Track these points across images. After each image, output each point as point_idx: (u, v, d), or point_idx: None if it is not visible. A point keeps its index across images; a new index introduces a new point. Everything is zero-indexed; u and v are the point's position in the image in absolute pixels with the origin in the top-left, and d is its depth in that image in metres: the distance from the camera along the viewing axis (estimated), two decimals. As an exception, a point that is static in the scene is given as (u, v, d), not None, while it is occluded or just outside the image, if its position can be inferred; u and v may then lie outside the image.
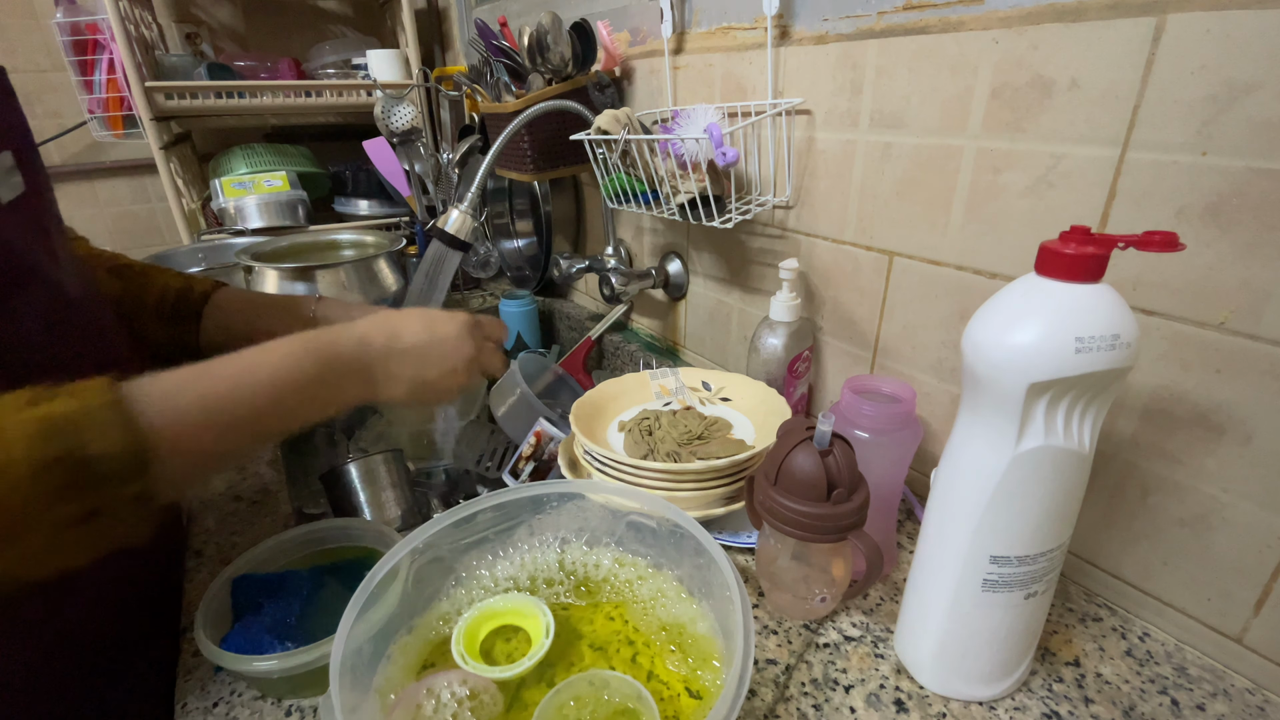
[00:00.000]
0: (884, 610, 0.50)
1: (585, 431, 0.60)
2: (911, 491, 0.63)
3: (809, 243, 0.69)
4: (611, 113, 0.70)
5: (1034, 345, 0.33)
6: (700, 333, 0.91)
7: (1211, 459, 0.43)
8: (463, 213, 0.81)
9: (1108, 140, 0.43)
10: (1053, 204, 0.47)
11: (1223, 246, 0.40)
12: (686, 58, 0.78)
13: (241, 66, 1.40)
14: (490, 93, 0.92)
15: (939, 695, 0.43)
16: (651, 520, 0.47)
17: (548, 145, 0.89)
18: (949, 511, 0.40)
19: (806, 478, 0.44)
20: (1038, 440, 0.35)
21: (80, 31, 1.25)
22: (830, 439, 0.44)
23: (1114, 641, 0.47)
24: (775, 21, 0.64)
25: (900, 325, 0.62)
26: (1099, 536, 0.50)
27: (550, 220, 1.11)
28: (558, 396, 0.95)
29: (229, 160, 1.35)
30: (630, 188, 0.75)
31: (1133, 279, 0.44)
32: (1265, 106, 0.37)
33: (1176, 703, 0.43)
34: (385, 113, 1.15)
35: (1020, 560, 0.38)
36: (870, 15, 0.56)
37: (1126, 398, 0.46)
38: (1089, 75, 0.43)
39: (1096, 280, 0.33)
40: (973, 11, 0.49)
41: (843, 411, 0.51)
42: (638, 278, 0.91)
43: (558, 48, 0.82)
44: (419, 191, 1.22)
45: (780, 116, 0.66)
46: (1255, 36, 0.36)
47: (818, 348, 0.72)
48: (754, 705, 0.42)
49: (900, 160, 0.57)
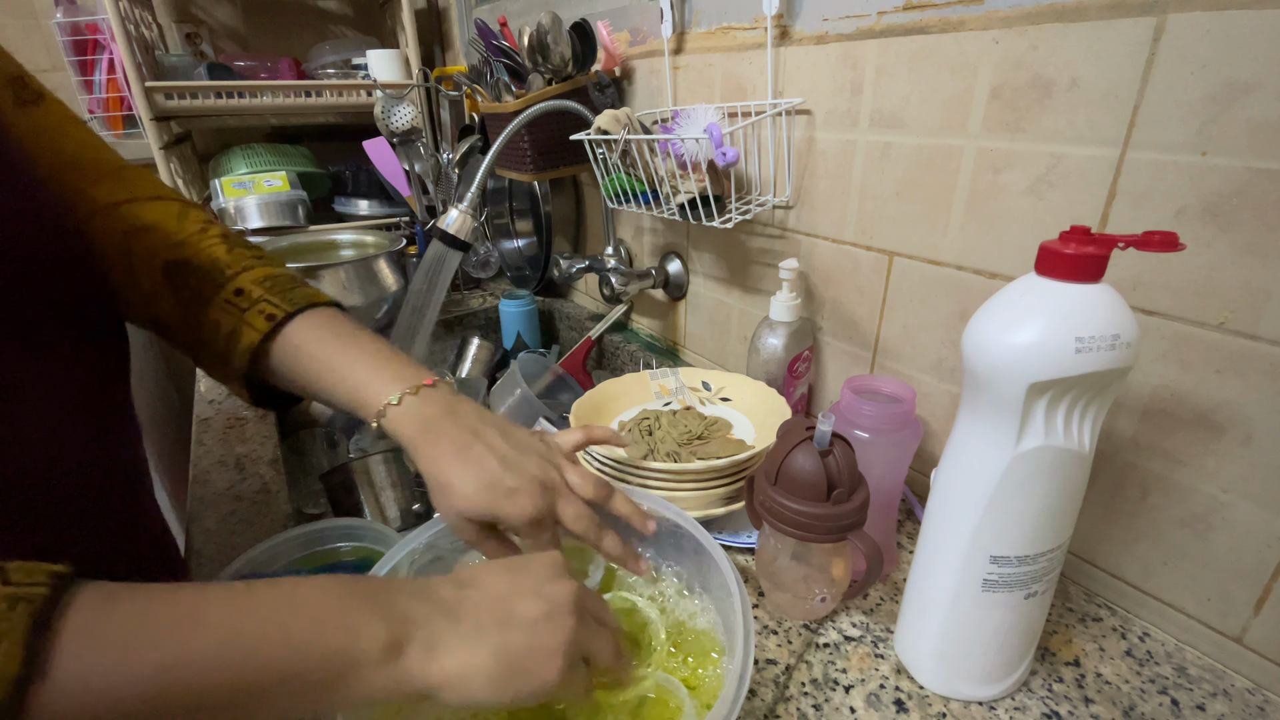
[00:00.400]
0: (884, 610, 0.50)
1: (585, 431, 0.60)
2: (911, 491, 0.63)
3: (809, 243, 0.69)
4: (611, 113, 0.70)
5: (1034, 345, 0.33)
6: (700, 333, 0.92)
7: (1211, 459, 0.43)
8: (463, 213, 0.81)
9: (1108, 140, 0.43)
10: (1053, 204, 0.47)
11: (1223, 246, 0.40)
12: (686, 58, 0.78)
13: (241, 66, 1.40)
14: (490, 93, 0.92)
15: (939, 695, 0.43)
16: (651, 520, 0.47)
17: (548, 145, 0.89)
18: (949, 511, 0.40)
19: (806, 478, 0.44)
20: (1038, 440, 0.35)
21: (80, 31, 1.25)
22: (830, 439, 0.44)
23: (1114, 641, 0.47)
24: (775, 21, 0.64)
25: (900, 325, 0.62)
26: (1099, 536, 0.50)
27: (550, 220, 1.11)
28: (558, 396, 0.95)
29: (229, 160, 1.35)
30: (630, 188, 0.75)
31: (1133, 279, 0.44)
32: (1265, 106, 0.37)
33: (1176, 703, 0.43)
34: (385, 113, 1.15)
35: (1020, 560, 0.38)
36: (870, 15, 0.56)
37: (1126, 398, 0.46)
38: (1089, 75, 0.43)
39: (1096, 280, 0.33)
40: (973, 11, 0.49)
41: (843, 411, 0.51)
42: (638, 278, 0.91)
43: (558, 48, 0.82)
44: (419, 191, 1.22)
45: (780, 116, 0.66)
46: (1255, 36, 0.36)
47: (818, 348, 0.72)
48: (754, 705, 0.42)
49: (900, 160, 0.57)
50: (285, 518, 0.62)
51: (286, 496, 0.66)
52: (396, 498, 0.69)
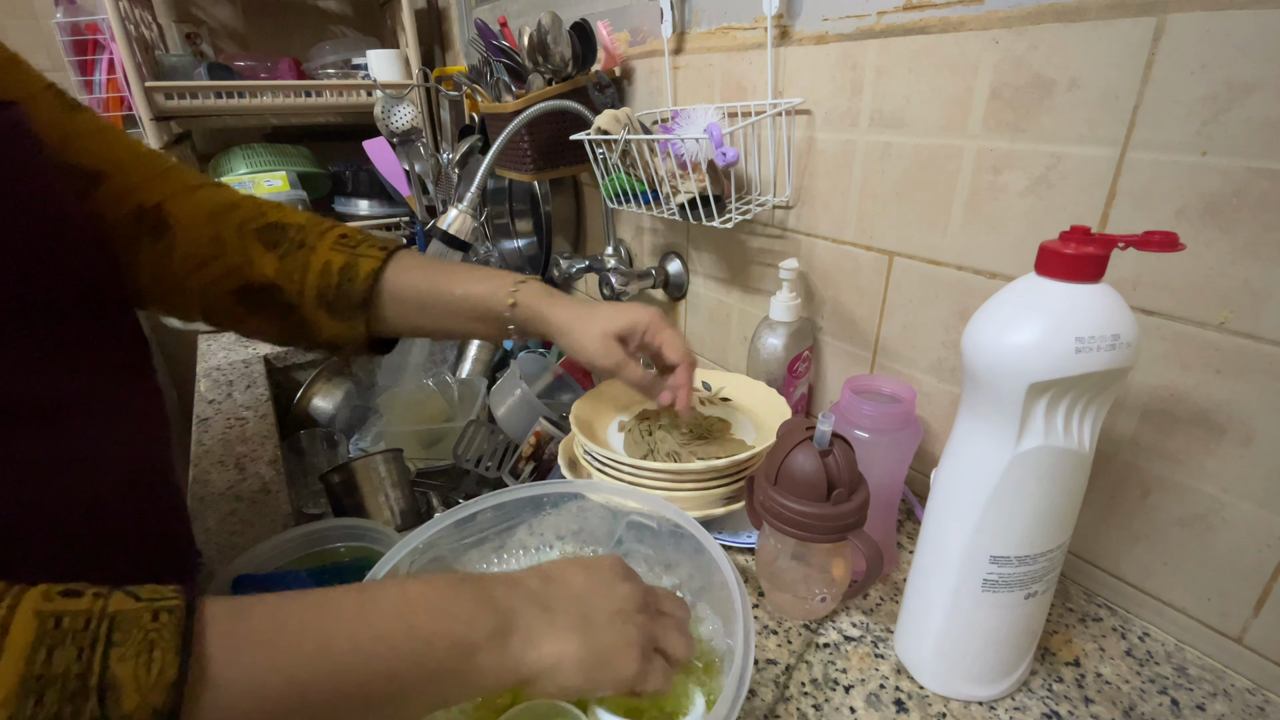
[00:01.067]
0: (884, 610, 0.50)
1: (585, 431, 0.60)
2: (911, 491, 0.63)
3: (809, 243, 0.69)
4: (611, 113, 0.70)
5: (1034, 345, 0.33)
6: (700, 333, 0.91)
7: (1211, 459, 0.43)
8: (463, 212, 0.81)
9: (1107, 140, 0.43)
10: (1053, 204, 0.47)
11: (1223, 246, 0.40)
12: (686, 58, 0.78)
13: (241, 66, 1.40)
14: (490, 93, 0.92)
15: (939, 695, 0.43)
16: (651, 520, 0.47)
17: (548, 145, 0.89)
18: (949, 511, 0.40)
19: (806, 478, 0.44)
20: (1038, 440, 0.35)
21: (80, 31, 1.25)
22: (830, 439, 0.44)
23: (1114, 641, 0.47)
24: (775, 21, 0.64)
25: (900, 325, 0.62)
26: (1099, 536, 0.50)
27: (550, 220, 1.11)
28: (558, 396, 0.95)
29: (229, 160, 1.35)
30: (630, 188, 0.75)
31: (1133, 279, 0.44)
32: (1265, 106, 0.37)
33: (1176, 703, 0.43)
34: (385, 113, 1.15)
35: (1020, 560, 0.38)
36: (870, 15, 0.56)
37: (1126, 398, 0.46)
38: (1089, 75, 0.43)
39: (1096, 280, 0.33)
40: (973, 11, 0.49)
41: (843, 411, 0.51)
42: (638, 278, 0.91)
43: (558, 48, 0.82)
44: (419, 191, 1.22)
45: (780, 116, 0.66)
46: (1255, 36, 0.36)
47: (818, 348, 0.72)
48: (754, 705, 0.42)
49: (900, 160, 0.57)
50: (285, 518, 0.62)
51: (286, 496, 0.66)
52: (396, 498, 0.69)
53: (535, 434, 0.75)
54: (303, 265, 0.50)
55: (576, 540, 0.49)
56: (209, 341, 1.08)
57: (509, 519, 0.46)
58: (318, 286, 0.50)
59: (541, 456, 0.75)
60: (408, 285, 0.52)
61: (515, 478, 0.74)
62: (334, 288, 0.50)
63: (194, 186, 0.51)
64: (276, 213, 0.51)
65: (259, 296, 0.50)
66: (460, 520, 0.42)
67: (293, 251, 0.50)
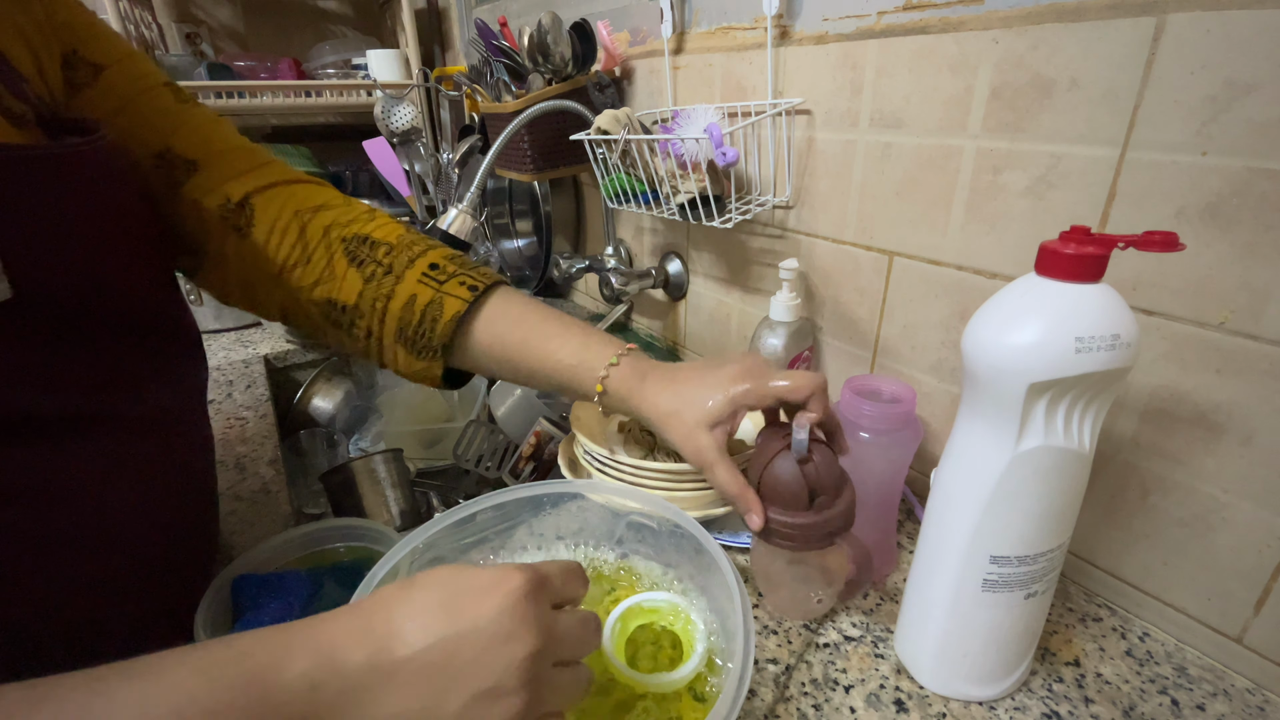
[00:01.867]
0: (884, 610, 0.50)
1: (585, 431, 0.60)
2: (911, 491, 0.63)
3: (809, 243, 0.69)
4: (611, 113, 0.70)
5: (1034, 345, 0.33)
6: (700, 333, 0.91)
7: (1211, 459, 0.43)
8: (462, 212, 0.81)
9: (1107, 140, 0.43)
10: (1053, 204, 0.47)
11: (1223, 246, 0.40)
12: (686, 58, 0.78)
13: (241, 66, 1.40)
14: (490, 93, 0.92)
15: (939, 695, 0.43)
16: (651, 520, 0.47)
17: (548, 145, 0.89)
18: (949, 511, 0.40)
19: (787, 488, 0.43)
20: (1038, 440, 0.35)
21: (80, 31, 1.25)
22: (808, 445, 0.43)
23: (1114, 641, 0.47)
24: (775, 21, 0.64)
25: (900, 325, 0.62)
26: (1099, 536, 0.50)
27: (550, 220, 1.11)
28: (558, 396, 0.95)
29: (229, 160, 1.35)
30: (630, 188, 0.75)
31: (1133, 279, 0.44)
32: (1265, 106, 0.37)
33: (1176, 703, 0.43)
34: (385, 113, 1.15)
35: (1020, 560, 0.38)
36: (870, 15, 0.56)
37: (1126, 398, 0.46)
38: (1089, 75, 0.43)
39: (1096, 280, 0.33)
40: (973, 11, 0.49)
41: (843, 411, 0.51)
42: (638, 278, 0.91)
43: (558, 48, 0.82)
44: (419, 191, 1.22)
45: (780, 116, 0.66)
46: (1255, 36, 0.36)
47: (818, 348, 0.72)
48: (754, 705, 0.42)
49: (900, 160, 0.57)
50: (285, 518, 0.62)
51: (286, 497, 0.65)
52: (396, 498, 0.69)
53: (535, 434, 0.75)
54: (387, 294, 0.48)
55: (576, 540, 0.49)
56: (209, 341, 1.08)
57: (509, 519, 0.46)
58: (399, 320, 0.48)
59: (541, 456, 0.75)
60: (493, 338, 0.49)
61: (515, 478, 0.74)
62: (414, 325, 0.48)
63: (284, 182, 0.49)
64: (365, 223, 0.50)
65: (340, 316, 0.49)
66: (460, 520, 0.42)
67: (379, 277, 0.48)
